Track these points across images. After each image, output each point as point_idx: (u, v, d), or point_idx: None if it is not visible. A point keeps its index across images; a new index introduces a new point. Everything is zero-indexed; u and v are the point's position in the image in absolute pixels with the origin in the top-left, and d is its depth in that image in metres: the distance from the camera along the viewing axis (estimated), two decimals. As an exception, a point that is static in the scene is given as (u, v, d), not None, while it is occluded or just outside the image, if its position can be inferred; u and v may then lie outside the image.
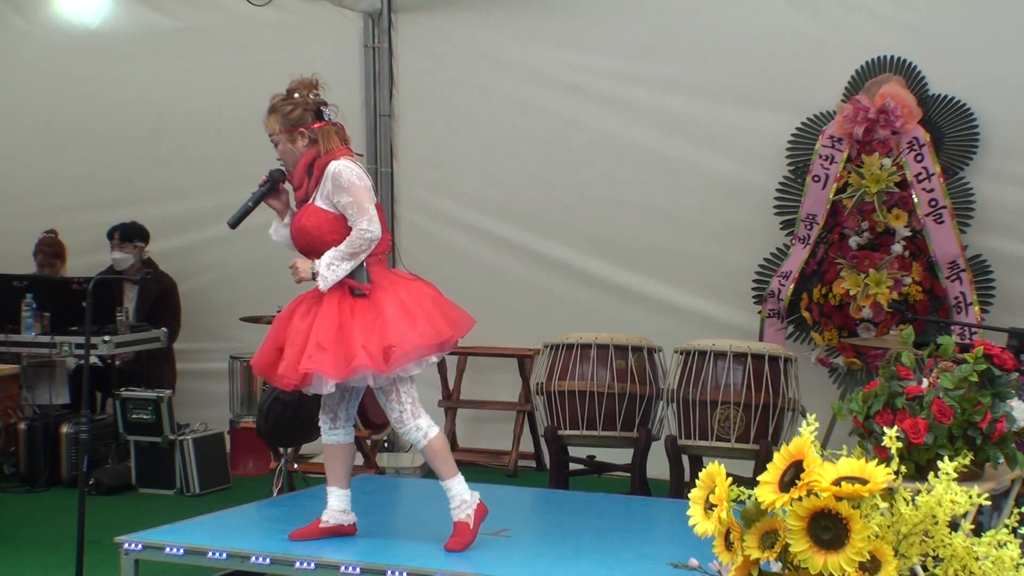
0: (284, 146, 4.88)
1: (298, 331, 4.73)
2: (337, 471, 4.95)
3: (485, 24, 8.16)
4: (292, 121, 4.84)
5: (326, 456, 5.01)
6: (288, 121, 4.84)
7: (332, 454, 4.97)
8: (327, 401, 4.95)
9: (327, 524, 4.90)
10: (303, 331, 4.72)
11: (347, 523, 4.94)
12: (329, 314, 4.71)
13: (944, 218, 6.97)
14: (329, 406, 4.95)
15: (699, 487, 3.33)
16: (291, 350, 4.72)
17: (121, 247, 8.41)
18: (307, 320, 4.74)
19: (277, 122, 4.87)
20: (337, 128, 4.90)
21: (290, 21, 8.56)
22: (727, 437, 6.35)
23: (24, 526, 6.78)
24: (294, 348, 4.71)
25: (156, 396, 7.57)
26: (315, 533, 4.87)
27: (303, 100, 4.87)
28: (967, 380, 4.39)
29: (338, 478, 4.95)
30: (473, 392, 8.24)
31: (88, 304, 5.95)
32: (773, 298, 7.32)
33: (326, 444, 5.00)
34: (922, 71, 7.13)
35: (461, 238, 8.31)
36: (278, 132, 4.86)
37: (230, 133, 8.78)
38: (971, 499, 3.13)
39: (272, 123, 4.88)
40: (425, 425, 4.80)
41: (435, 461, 4.83)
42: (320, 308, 4.74)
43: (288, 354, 4.72)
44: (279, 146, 4.89)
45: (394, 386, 4.76)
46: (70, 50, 9.17)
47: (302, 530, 4.89)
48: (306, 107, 4.86)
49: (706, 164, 7.67)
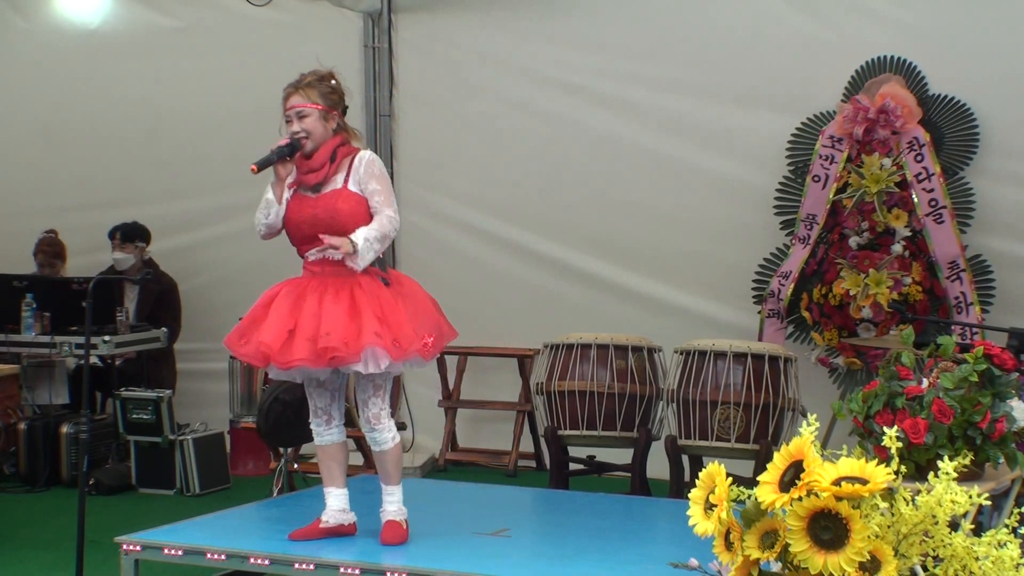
0: (315, 122, 4.83)
1: (335, 313, 4.65)
2: (334, 471, 4.95)
3: (485, 24, 8.16)
4: (331, 102, 4.86)
5: (322, 458, 4.99)
6: (328, 100, 4.85)
7: (329, 455, 4.96)
8: (319, 403, 4.92)
9: (327, 524, 4.89)
10: (342, 313, 4.65)
11: (347, 523, 4.94)
12: (369, 298, 4.69)
13: (944, 218, 6.97)
14: (322, 408, 4.93)
15: (699, 487, 3.33)
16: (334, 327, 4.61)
17: (122, 247, 8.42)
18: (342, 303, 4.67)
19: (318, 96, 4.83)
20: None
21: (290, 21, 8.56)
22: (727, 437, 6.35)
23: (24, 526, 6.78)
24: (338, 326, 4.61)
25: (156, 396, 7.57)
26: (315, 533, 4.87)
27: (340, 88, 4.91)
28: (967, 380, 4.39)
29: (335, 478, 4.95)
30: (473, 392, 8.24)
31: (88, 304, 5.95)
32: (773, 298, 7.32)
33: (322, 446, 4.97)
34: (922, 71, 7.13)
35: (461, 238, 8.31)
36: (315, 106, 4.83)
37: (230, 133, 8.78)
38: (971, 499, 3.13)
39: (312, 95, 4.82)
40: (394, 427, 4.88)
41: (395, 465, 4.88)
42: (348, 292, 4.69)
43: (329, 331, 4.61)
44: (308, 119, 4.82)
45: (385, 382, 4.80)
46: (70, 50, 9.17)
47: (302, 530, 4.89)
48: (341, 95, 4.91)
49: (706, 164, 7.67)
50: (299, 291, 4.79)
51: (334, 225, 4.73)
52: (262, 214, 4.87)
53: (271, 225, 4.88)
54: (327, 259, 4.74)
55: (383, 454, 4.86)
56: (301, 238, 4.84)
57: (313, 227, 4.77)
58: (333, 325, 4.63)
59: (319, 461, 5.02)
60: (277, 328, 4.70)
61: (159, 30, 8.93)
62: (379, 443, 4.84)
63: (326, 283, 4.75)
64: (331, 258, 4.71)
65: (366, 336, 4.62)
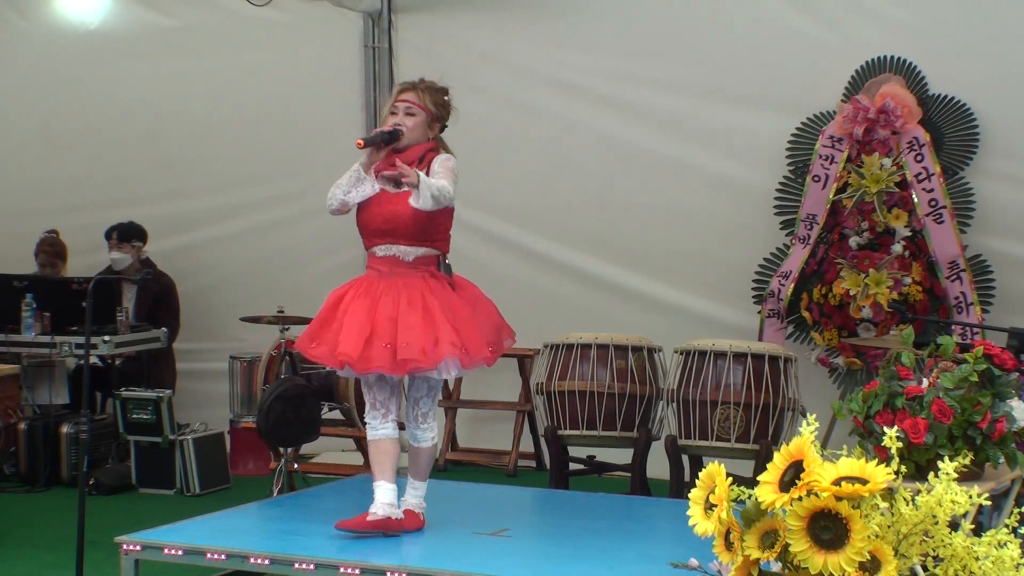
0: (418, 123, 4.99)
1: (412, 320, 4.77)
2: (386, 465, 4.95)
3: (485, 24, 8.15)
4: (439, 112, 5.05)
5: (375, 451, 4.99)
6: (437, 109, 5.04)
7: (383, 449, 4.97)
8: (379, 396, 4.97)
9: (376, 516, 4.86)
10: (418, 320, 4.78)
11: (395, 516, 4.90)
12: (442, 304, 4.84)
13: (944, 218, 6.97)
14: (381, 401, 4.97)
15: (699, 487, 3.33)
16: (413, 337, 4.75)
17: (119, 247, 8.41)
18: (416, 309, 4.80)
19: (430, 102, 5.01)
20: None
21: (290, 21, 8.56)
22: (727, 437, 6.35)
23: (24, 526, 6.78)
24: (416, 335, 4.75)
25: (156, 396, 7.57)
26: (363, 525, 4.84)
27: (449, 105, 5.11)
28: (967, 380, 4.39)
29: (386, 472, 4.94)
30: (473, 392, 8.23)
31: (88, 304, 5.95)
32: (773, 298, 7.32)
33: (377, 440, 4.98)
34: (922, 71, 7.13)
35: (460, 238, 8.18)
36: (425, 109, 4.99)
37: (230, 133, 8.79)
38: (971, 499, 3.13)
39: (425, 99, 5.00)
40: (436, 428, 5.06)
41: (428, 462, 5.07)
42: (420, 297, 4.83)
43: (409, 342, 4.74)
44: (413, 118, 4.97)
45: (439, 383, 5.02)
46: (70, 50, 9.17)
47: (350, 521, 4.86)
48: (448, 112, 5.11)
49: (706, 164, 7.67)
50: (371, 293, 4.88)
51: (413, 226, 4.87)
52: (340, 190, 4.93)
53: (347, 202, 4.94)
54: (396, 258, 4.88)
55: (422, 451, 5.03)
56: (373, 231, 4.94)
57: (388, 223, 4.89)
58: (412, 335, 4.77)
59: (371, 454, 5.03)
60: (355, 335, 4.80)
61: (159, 30, 8.93)
62: (421, 440, 5.01)
63: (397, 285, 4.86)
64: (396, 180, 4.79)
65: (444, 347, 4.78)
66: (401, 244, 4.90)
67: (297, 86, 8.61)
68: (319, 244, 8.34)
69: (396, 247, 4.91)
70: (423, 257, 4.95)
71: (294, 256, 8.64)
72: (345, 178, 4.93)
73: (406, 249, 4.91)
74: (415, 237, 4.91)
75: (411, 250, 4.92)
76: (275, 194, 8.67)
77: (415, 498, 5.05)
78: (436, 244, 5.02)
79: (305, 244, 8.55)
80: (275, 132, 8.69)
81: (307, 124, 8.49)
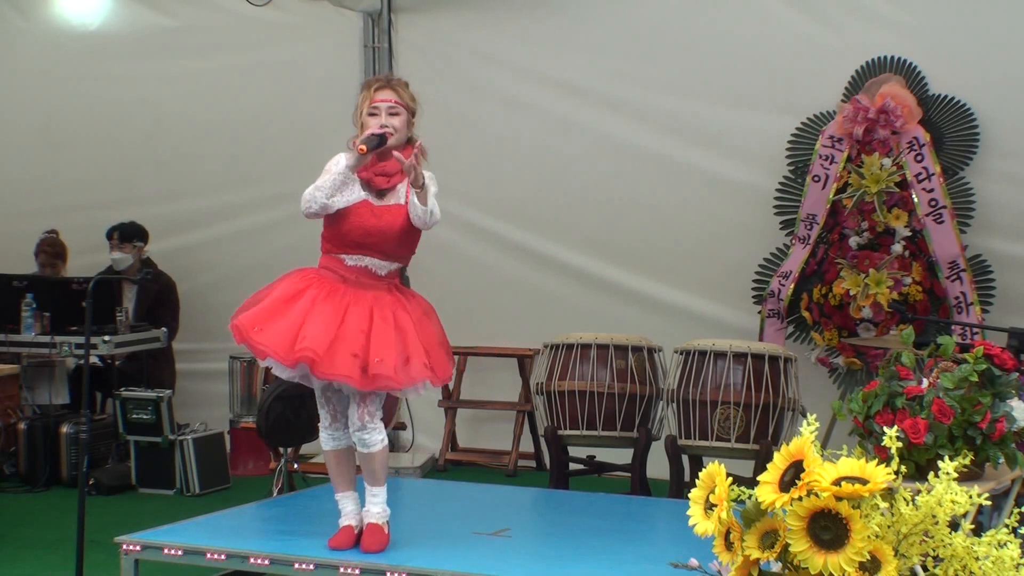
0: (402, 123, 4.75)
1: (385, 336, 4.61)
2: (348, 475, 4.86)
3: (485, 24, 8.16)
4: (415, 107, 4.83)
5: (336, 462, 4.85)
6: (414, 106, 4.82)
7: (344, 459, 4.85)
8: (338, 408, 4.81)
9: (360, 527, 4.79)
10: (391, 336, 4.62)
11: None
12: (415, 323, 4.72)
13: (944, 218, 6.97)
14: (341, 412, 4.81)
15: (699, 487, 3.32)
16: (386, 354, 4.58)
17: (120, 247, 8.42)
18: (389, 325, 4.65)
19: (408, 97, 4.80)
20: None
21: (290, 21, 8.57)
22: (727, 437, 6.35)
23: (24, 526, 6.78)
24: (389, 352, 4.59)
25: (156, 396, 7.57)
26: (351, 540, 4.75)
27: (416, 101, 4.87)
28: (967, 380, 4.39)
29: (350, 482, 4.86)
30: (473, 392, 8.24)
31: (88, 304, 5.95)
32: (773, 298, 7.32)
33: (335, 451, 4.83)
34: (922, 71, 7.13)
35: (461, 238, 8.30)
36: (406, 106, 4.78)
37: (230, 133, 8.80)
38: (971, 499, 3.13)
39: (404, 96, 4.78)
40: (383, 429, 4.78)
41: (382, 466, 4.75)
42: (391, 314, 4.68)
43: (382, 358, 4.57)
44: (397, 118, 4.73)
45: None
46: (70, 50, 9.18)
47: (337, 537, 4.76)
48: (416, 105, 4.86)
49: (706, 164, 7.67)
50: (337, 297, 4.69)
51: (392, 241, 4.71)
52: (323, 193, 4.65)
53: (329, 207, 4.67)
54: (367, 270, 4.72)
55: (372, 456, 4.71)
56: (351, 242, 4.73)
57: (370, 236, 4.69)
58: (385, 351, 4.59)
59: (332, 466, 4.87)
60: (320, 335, 4.57)
61: (159, 30, 8.94)
62: (368, 444, 4.69)
63: (366, 297, 4.69)
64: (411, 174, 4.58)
65: (415, 369, 4.63)
66: (376, 258, 4.73)
67: (297, 86, 8.61)
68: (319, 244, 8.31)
69: (369, 259, 4.72)
70: (394, 271, 4.82)
71: (294, 256, 8.52)
72: (327, 181, 4.65)
73: (380, 263, 4.73)
74: (392, 253, 4.75)
75: (385, 264, 4.75)
76: (275, 194, 8.66)
77: (376, 506, 4.75)
78: (406, 259, 4.93)
79: (305, 244, 8.43)
80: (275, 132, 8.69)
81: (307, 124, 8.48)
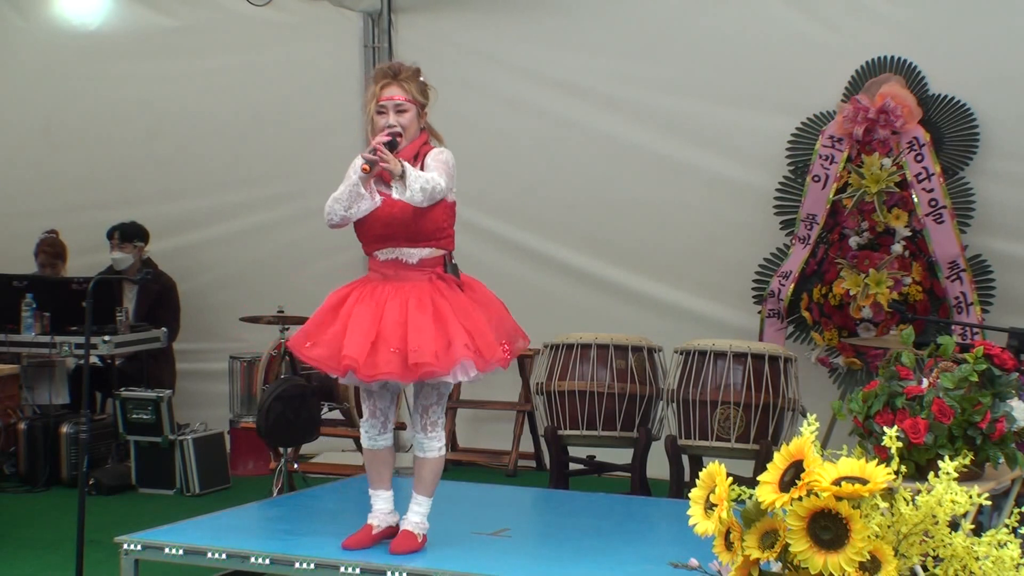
0: (411, 119, 4.69)
1: (422, 324, 4.53)
2: (384, 474, 4.84)
3: (485, 24, 8.16)
4: (424, 98, 4.74)
5: (373, 461, 4.84)
6: (424, 98, 4.74)
7: (381, 458, 4.84)
8: (379, 405, 4.78)
9: (379, 529, 4.80)
10: (428, 323, 4.54)
11: (395, 523, 4.84)
12: (453, 306, 4.62)
13: (944, 218, 6.97)
14: (381, 409, 4.79)
15: (699, 487, 3.33)
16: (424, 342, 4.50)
17: (121, 247, 8.42)
18: (426, 312, 4.56)
19: (416, 92, 4.69)
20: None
21: (290, 21, 8.57)
22: (727, 437, 6.36)
23: (24, 526, 6.78)
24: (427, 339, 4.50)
25: (156, 396, 7.57)
26: (368, 540, 4.75)
27: (427, 84, 4.75)
28: (967, 380, 4.39)
29: (385, 481, 4.84)
30: (473, 392, 8.22)
31: (88, 304, 5.95)
32: (773, 298, 7.32)
33: (375, 450, 4.82)
34: (922, 71, 7.13)
35: (461, 238, 8.16)
36: (414, 101, 4.70)
37: (230, 133, 8.80)
38: (971, 499, 3.13)
39: (411, 89, 4.68)
40: (444, 438, 4.80)
41: (433, 475, 4.78)
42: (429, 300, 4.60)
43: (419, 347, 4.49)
44: (406, 115, 4.68)
45: (447, 390, 4.80)
46: (70, 50, 9.17)
47: (354, 537, 4.76)
48: (428, 93, 4.77)
49: (706, 164, 7.67)
50: (375, 296, 4.65)
51: (412, 227, 4.64)
52: (341, 205, 4.61)
53: (348, 218, 4.64)
54: (399, 261, 4.66)
55: (426, 461, 4.76)
56: (373, 237, 4.70)
57: (386, 226, 4.65)
58: (423, 339, 4.52)
59: (369, 463, 4.87)
60: (360, 339, 4.54)
61: (159, 30, 8.93)
62: (426, 449, 4.75)
63: (403, 288, 4.64)
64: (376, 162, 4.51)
65: (457, 349, 4.54)
66: (403, 246, 4.67)
67: (297, 86, 8.61)
68: (319, 244, 8.32)
69: (398, 250, 4.67)
70: (428, 258, 4.72)
71: (294, 256, 8.64)
72: (344, 192, 4.62)
73: (409, 251, 4.69)
74: (415, 237, 4.67)
75: (414, 251, 4.70)
76: (275, 194, 8.68)
77: (416, 516, 4.76)
78: (439, 243, 4.77)
79: (305, 244, 8.54)
80: (275, 132, 8.69)
81: (307, 124, 8.49)
